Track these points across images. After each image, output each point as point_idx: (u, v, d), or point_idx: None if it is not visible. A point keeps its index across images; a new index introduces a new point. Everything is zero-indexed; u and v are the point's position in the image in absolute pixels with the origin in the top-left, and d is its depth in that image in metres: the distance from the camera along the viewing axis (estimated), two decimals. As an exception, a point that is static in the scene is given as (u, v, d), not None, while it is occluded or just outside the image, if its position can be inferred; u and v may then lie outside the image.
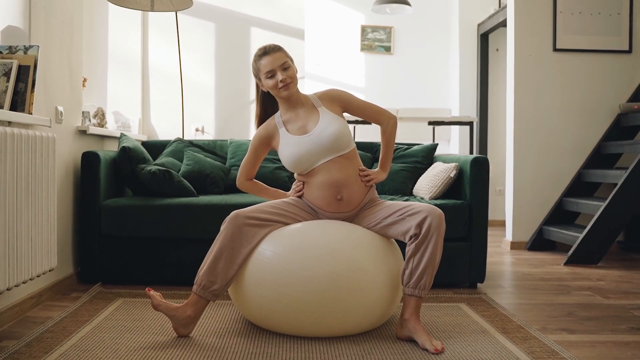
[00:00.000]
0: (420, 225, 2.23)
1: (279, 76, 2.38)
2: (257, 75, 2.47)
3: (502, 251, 4.55)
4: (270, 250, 2.24)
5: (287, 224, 2.36)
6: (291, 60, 2.46)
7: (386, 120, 2.56)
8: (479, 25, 6.12)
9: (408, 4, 5.51)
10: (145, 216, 3.06)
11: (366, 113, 2.55)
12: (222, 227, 2.27)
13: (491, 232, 5.24)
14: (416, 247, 2.23)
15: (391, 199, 3.21)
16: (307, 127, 2.43)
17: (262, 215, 2.31)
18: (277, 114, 2.52)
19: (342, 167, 2.39)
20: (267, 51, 2.42)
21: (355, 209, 2.44)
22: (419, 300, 2.24)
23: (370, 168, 3.68)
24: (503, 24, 5.43)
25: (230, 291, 2.41)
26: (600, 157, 4.65)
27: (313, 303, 2.16)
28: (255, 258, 2.26)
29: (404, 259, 2.29)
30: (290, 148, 2.41)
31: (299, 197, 2.49)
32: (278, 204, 2.42)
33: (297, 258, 2.19)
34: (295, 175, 2.52)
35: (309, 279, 2.16)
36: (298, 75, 2.49)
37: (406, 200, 3.22)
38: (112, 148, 3.75)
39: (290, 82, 2.40)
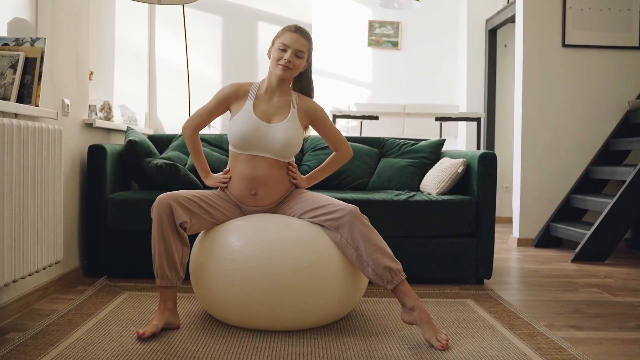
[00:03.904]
0: (340, 232, 2.24)
1: (287, 55, 2.36)
2: (273, 40, 2.45)
3: (508, 248, 4.53)
4: (236, 245, 2.24)
5: (211, 214, 2.35)
6: (309, 55, 2.45)
7: (343, 151, 2.61)
8: (487, 20, 6.09)
9: (416, -2, 5.47)
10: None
11: (330, 137, 2.57)
12: (153, 215, 2.25)
13: (498, 229, 5.21)
14: (357, 253, 2.22)
15: (397, 195, 3.20)
16: (272, 117, 2.42)
17: (187, 199, 2.29)
18: (256, 83, 2.50)
19: (271, 166, 2.39)
20: (298, 31, 2.41)
21: (271, 204, 2.45)
22: (405, 284, 2.22)
23: (377, 164, 3.67)
24: (511, 19, 5.39)
25: (194, 288, 2.41)
26: (609, 154, 4.61)
27: (281, 295, 2.17)
28: (220, 254, 2.26)
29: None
30: (244, 124, 2.38)
31: (223, 188, 2.49)
32: (207, 193, 2.41)
33: (263, 251, 2.19)
34: (229, 149, 2.48)
35: (277, 271, 2.16)
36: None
37: (404, 198, 3.20)
38: (119, 141, 3.74)
39: (292, 69, 2.39)
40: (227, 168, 2.50)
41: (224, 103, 2.50)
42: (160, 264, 2.23)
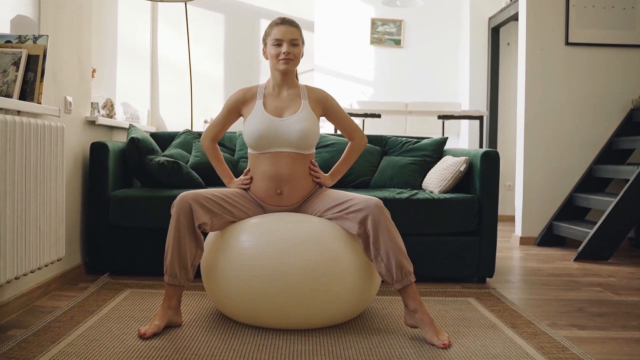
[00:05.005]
0: (363, 224, 2.22)
1: (285, 48, 2.37)
2: (264, 40, 2.46)
3: (511, 246, 4.52)
4: (248, 242, 2.24)
5: (232, 213, 2.34)
6: (302, 42, 2.46)
7: (358, 138, 2.61)
8: (490, 18, 6.07)
9: (419, -4, 5.46)
10: (153, 207, 3.05)
11: (343, 125, 2.57)
12: (172, 212, 2.24)
13: (500, 227, 5.19)
14: (374, 247, 2.21)
15: (399, 193, 3.20)
16: (284, 111, 2.42)
17: (209, 199, 2.28)
18: (262, 84, 2.51)
19: (293, 162, 2.39)
20: (285, 22, 2.42)
21: (295, 204, 2.45)
22: (412, 286, 2.21)
23: (379, 162, 3.67)
24: (514, 17, 5.37)
25: (205, 285, 2.41)
26: (612, 153, 4.60)
27: (293, 294, 2.16)
28: (233, 251, 2.25)
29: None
30: (258, 123, 2.39)
31: (245, 189, 2.48)
32: (229, 192, 2.40)
33: (275, 249, 2.19)
34: (248, 153, 2.48)
35: (288, 269, 2.16)
36: (307, 68, 2.48)
37: (406, 196, 3.20)
38: (121, 139, 3.74)
39: (293, 59, 2.39)
40: (247, 169, 2.50)
41: (234, 110, 2.51)
42: (171, 262, 2.22)
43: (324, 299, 2.20)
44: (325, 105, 2.52)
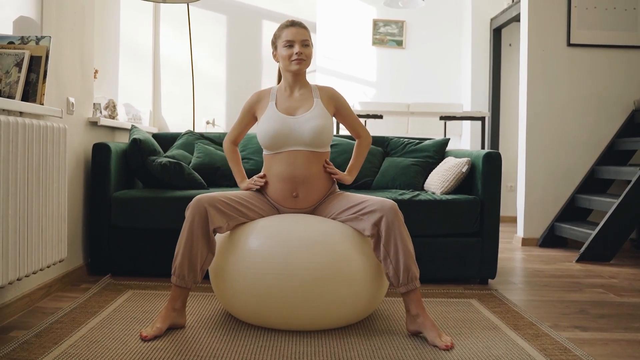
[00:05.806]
0: (377, 224, 2.21)
1: (297, 49, 2.39)
2: (274, 43, 2.48)
3: (513, 247, 4.52)
4: (256, 243, 2.24)
5: (248, 215, 2.35)
6: (312, 43, 2.48)
7: (365, 136, 2.66)
8: (492, 19, 6.07)
9: (420, -3, 5.46)
10: (156, 208, 3.06)
11: (352, 124, 2.61)
12: (187, 214, 2.24)
13: (502, 228, 5.20)
14: (385, 248, 2.21)
15: (401, 194, 3.20)
16: (297, 110, 2.44)
17: (224, 203, 2.28)
18: (275, 87, 2.54)
19: (309, 162, 2.39)
20: (294, 24, 2.44)
21: (312, 206, 2.45)
22: (417, 292, 2.22)
23: (381, 163, 3.67)
24: (516, 18, 5.37)
25: (213, 285, 2.41)
26: (614, 154, 4.60)
27: (300, 295, 2.16)
28: (241, 252, 2.25)
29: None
30: (271, 122, 2.40)
31: (258, 190, 2.48)
32: (244, 194, 2.40)
33: (283, 250, 2.19)
34: (263, 155, 2.49)
35: (296, 271, 2.16)
36: (309, 69, 2.50)
37: (408, 197, 3.20)
38: (123, 140, 3.75)
39: (305, 59, 2.42)
40: (262, 173, 2.49)
41: (250, 112, 2.54)
42: (180, 264, 2.22)
43: (332, 301, 2.20)
44: (337, 104, 2.54)
